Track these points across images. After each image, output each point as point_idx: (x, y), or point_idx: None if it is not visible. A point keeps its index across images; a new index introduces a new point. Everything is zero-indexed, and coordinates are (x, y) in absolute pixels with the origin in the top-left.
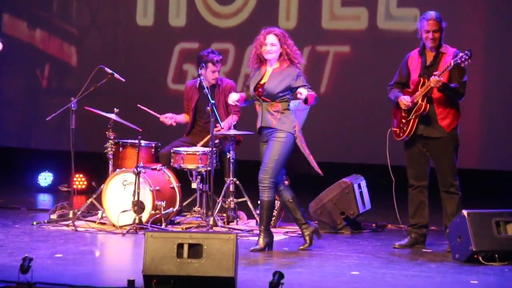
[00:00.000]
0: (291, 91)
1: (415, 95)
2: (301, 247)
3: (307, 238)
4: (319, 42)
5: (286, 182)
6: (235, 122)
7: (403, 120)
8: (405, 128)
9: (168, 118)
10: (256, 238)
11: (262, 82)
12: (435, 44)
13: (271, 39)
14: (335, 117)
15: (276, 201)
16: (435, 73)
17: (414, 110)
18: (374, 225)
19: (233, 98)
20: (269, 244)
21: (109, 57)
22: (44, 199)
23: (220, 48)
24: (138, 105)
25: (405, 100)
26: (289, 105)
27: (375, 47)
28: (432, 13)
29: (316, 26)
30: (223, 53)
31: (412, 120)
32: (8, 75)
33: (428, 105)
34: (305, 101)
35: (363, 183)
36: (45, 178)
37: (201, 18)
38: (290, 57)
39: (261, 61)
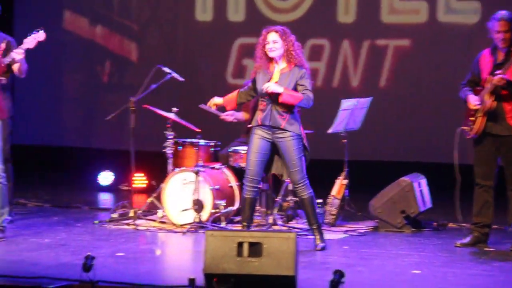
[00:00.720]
0: (295, 89)
1: (482, 93)
2: None
3: None
4: (378, 36)
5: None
6: None
7: (472, 118)
8: (473, 127)
9: (229, 115)
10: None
11: (272, 81)
12: (506, 44)
13: (273, 36)
14: (394, 113)
15: (336, 200)
16: (497, 71)
17: (481, 108)
18: (435, 223)
19: (215, 101)
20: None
21: (168, 53)
22: (105, 198)
23: None
24: (200, 106)
25: (472, 101)
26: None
27: (435, 40)
28: (503, 13)
29: (375, 20)
30: None
31: (480, 118)
32: (69, 72)
33: (495, 102)
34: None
35: (424, 182)
36: (105, 178)
37: (259, 13)
38: (292, 54)
39: (268, 61)
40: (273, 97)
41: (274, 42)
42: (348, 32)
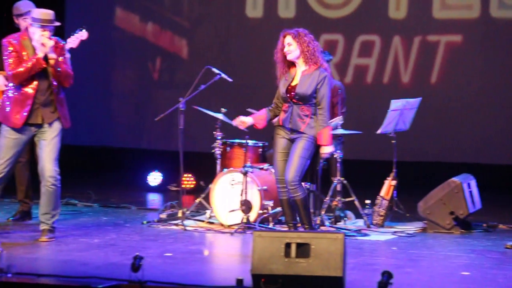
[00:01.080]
0: (316, 94)
1: None
2: None
3: None
4: (430, 31)
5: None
6: (342, 123)
7: None
8: None
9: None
10: (365, 237)
11: (293, 84)
12: None
13: (287, 39)
14: (445, 111)
15: (385, 200)
16: None
17: None
18: (484, 225)
19: (243, 120)
20: None
21: (219, 49)
22: (154, 199)
23: (329, 39)
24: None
25: None
26: (331, 123)
27: (487, 36)
28: None
29: (426, 15)
30: (332, 44)
31: None
32: (120, 69)
33: None
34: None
35: (473, 183)
36: (154, 178)
37: (310, 9)
38: (307, 54)
39: (289, 64)
40: (296, 101)
41: (288, 45)
42: (399, 28)
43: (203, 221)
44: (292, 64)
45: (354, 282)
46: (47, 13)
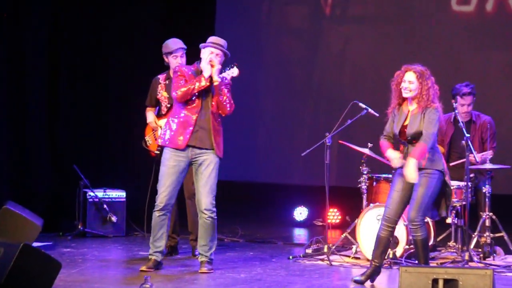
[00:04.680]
0: None
1: None
2: None
3: None
4: None
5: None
6: (491, 157)
7: None
8: None
9: None
10: None
11: (405, 124)
12: None
13: (410, 76)
14: None
15: None
16: None
17: None
18: None
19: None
20: None
21: None
22: (300, 234)
23: None
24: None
25: None
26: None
27: None
28: None
29: None
30: None
31: None
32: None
33: None
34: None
35: None
36: (300, 213)
37: None
38: (424, 97)
39: (402, 99)
40: (409, 140)
41: (410, 83)
42: None
43: (349, 256)
44: (403, 99)
45: None
46: (219, 38)
